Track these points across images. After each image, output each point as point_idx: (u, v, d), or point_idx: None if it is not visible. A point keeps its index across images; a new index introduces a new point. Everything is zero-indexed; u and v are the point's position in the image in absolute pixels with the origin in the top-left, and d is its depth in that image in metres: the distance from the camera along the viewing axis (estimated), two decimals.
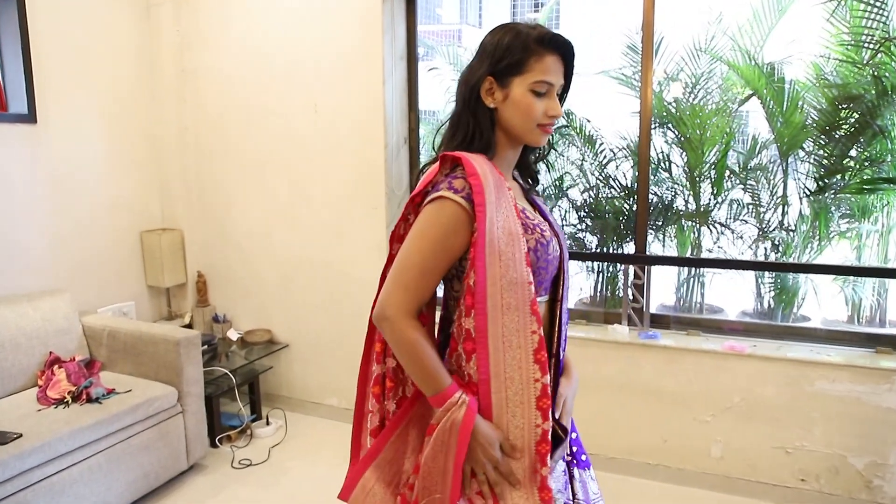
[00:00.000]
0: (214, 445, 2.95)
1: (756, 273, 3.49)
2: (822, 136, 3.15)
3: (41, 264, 2.92)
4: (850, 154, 3.09)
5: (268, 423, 3.15)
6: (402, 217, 1.22)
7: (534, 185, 1.35)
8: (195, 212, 3.50)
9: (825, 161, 3.17)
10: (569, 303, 1.30)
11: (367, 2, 2.90)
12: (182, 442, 2.65)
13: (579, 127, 3.61)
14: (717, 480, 2.63)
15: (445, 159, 1.18)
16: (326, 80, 3.05)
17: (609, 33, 3.60)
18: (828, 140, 3.14)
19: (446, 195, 1.11)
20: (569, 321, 1.33)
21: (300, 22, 3.06)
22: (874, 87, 2.89)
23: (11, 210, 2.79)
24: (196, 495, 2.62)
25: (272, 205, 3.30)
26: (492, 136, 1.19)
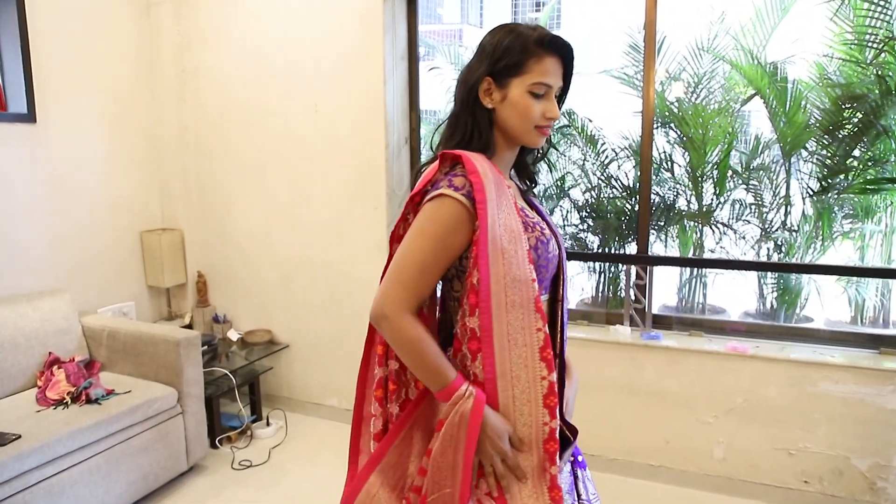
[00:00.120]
0: (214, 446, 2.95)
1: (759, 273, 3.48)
2: (826, 136, 3.14)
3: (41, 264, 2.91)
4: (854, 154, 3.08)
5: (268, 423, 3.14)
6: (401, 217, 1.21)
7: (531, 187, 1.34)
8: (195, 212, 3.49)
9: (828, 161, 3.15)
10: (570, 303, 1.30)
11: (368, 1, 2.89)
12: (182, 443, 2.64)
13: (581, 127, 3.60)
14: (719, 482, 2.62)
15: (445, 157, 1.17)
16: (327, 79, 3.04)
17: (610, 33, 3.59)
18: (831, 140, 3.12)
19: (446, 193, 1.10)
20: (568, 321, 1.33)
21: (300, 21, 3.05)
22: (878, 86, 2.88)
23: (11, 210, 2.79)
24: (196, 496, 2.62)
25: (272, 205, 3.29)
26: (490, 137, 1.18)
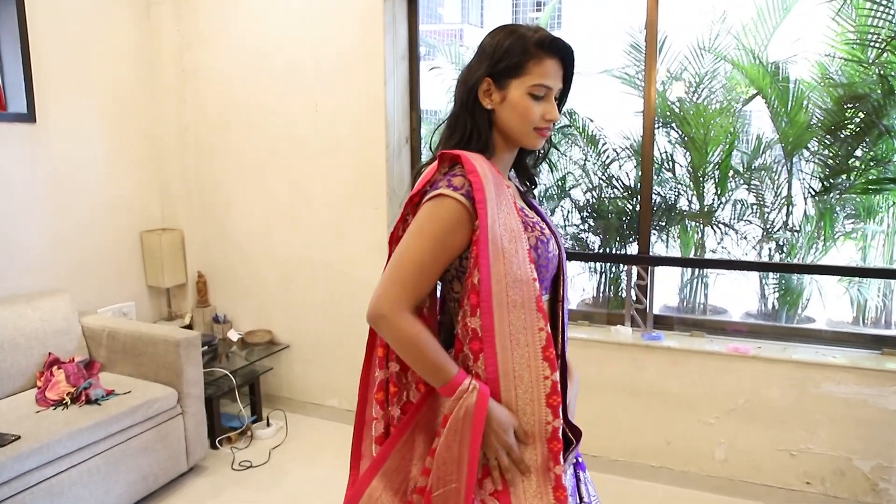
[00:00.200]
0: (214, 447, 2.94)
1: (760, 274, 3.47)
2: (827, 136, 3.13)
3: (41, 264, 2.90)
4: (856, 154, 3.07)
5: (268, 424, 3.13)
6: (400, 218, 1.20)
7: (531, 188, 1.34)
8: (195, 212, 3.49)
9: (830, 161, 3.15)
10: (571, 304, 1.29)
11: (368, 1, 2.88)
12: (182, 443, 2.64)
13: (582, 126, 3.59)
14: (720, 483, 2.61)
15: (444, 158, 1.17)
16: (327, 79, 3.04)
17: (611, 32, 3.58)
18: (833, 140, 3.11)
19: (445, 193, 1.10)
20: (569, 322, 1.32)
21: (301, 21, 3.05)
22: (880, 86, 2.87)
23: (11, 210, 2.78)
24: (196, 497, 2.61)
25: (272, 205, 3.29)
26: (489, 137, 1.18)
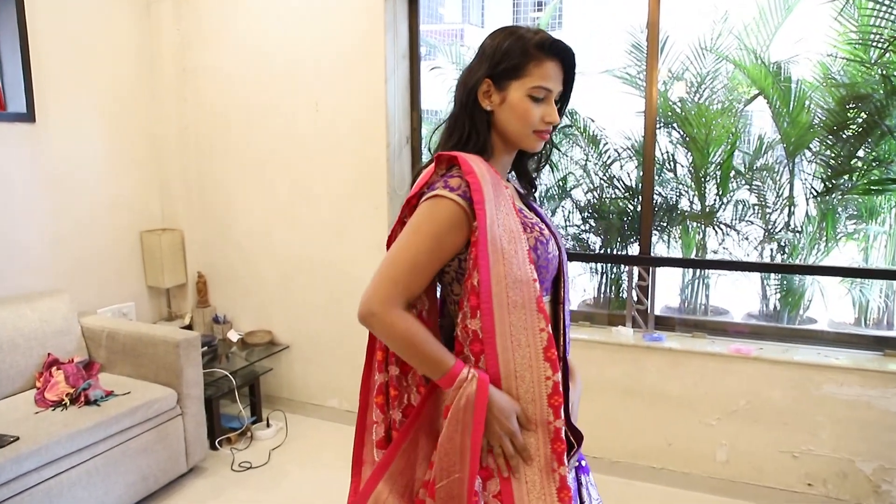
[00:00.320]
0: (214, 448, 2.93)
1: (762, 275, 3.46)
2: (830, 137, 3.12)
3: (40, 264, 2.90)
4: (858, 154, 3.06)
5: (268, 425, 3.13)
6: (398, 221, 1.19)
7: (532, 192, 1.33)
8: (195, 211, 3.48)
9: (832, 161, 3.13)
10: (572, 304, 1.29)
11: (369, 0, 2.88)
12: (181, 444, 2.63)
13: (583, 127, 3.58)
14: (722, 484, 2.60)
15: (441, 159, 1.17)
16: (327, 78, 3.03)
17: (612, 32, 3.57)
18: (835, 140, 3.10)
19: (442, 193, 1.10)
20: (570, 323, 1.32)
21: (301, 20, 3.04)
22: (882, 86, 2.86)
23: (10, 210, 2.77)
24: (196, 498, 2.60)
25: (273, 204, 3.28)
26: (488, 139, 1.18)
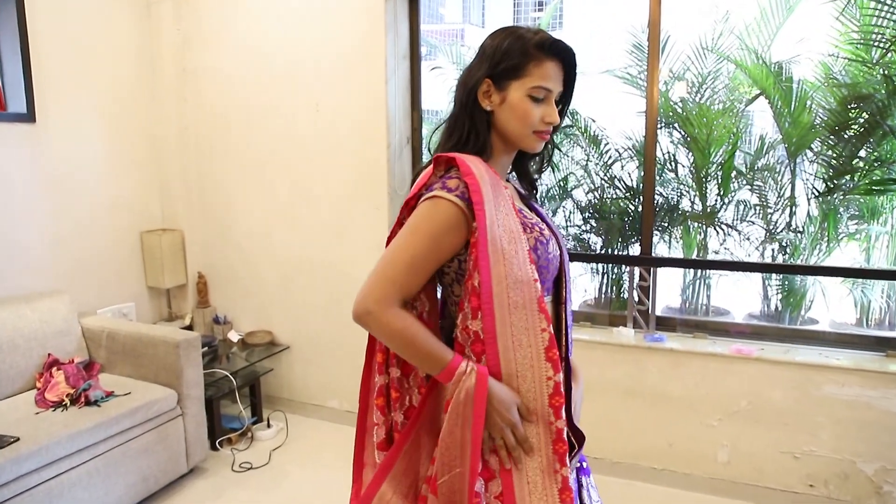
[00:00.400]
0: (215, 448, 2.93)
1: (763, 275, 3.45)
2: (831, 137, 3.11)
3: (40, 265, 2.89)
4: (860, 154, 3.05)
5: (269, 425, 3.12)
6: (397, 222, 1.19)
7: (533, 193, 1.33)
8: (195, 212, 3.48)
9: (834, 161, 3.13)
10: (573, 305, 1.28)
11: (369, 0, 2.87)
12: (182, 445, 2.63)
13: (584, 127, 3.58)
14: (723, 485, 2.59)
15: (439, 161, 1.17)
16: (328, 79, 3.03)
17: (613, 32, 3.57)
18: (837, 140, 3.09)
19: (440, 194, 1.10)
20: (573, 324, 1.32)
21: (301, 21, 3.04)
22: (884, 86, 2.85)
23: (10, 210, 2.77)
24: (196, 499, 2.60)
25: (273, 205, 3.27)
26: (487, 139, 1.18)
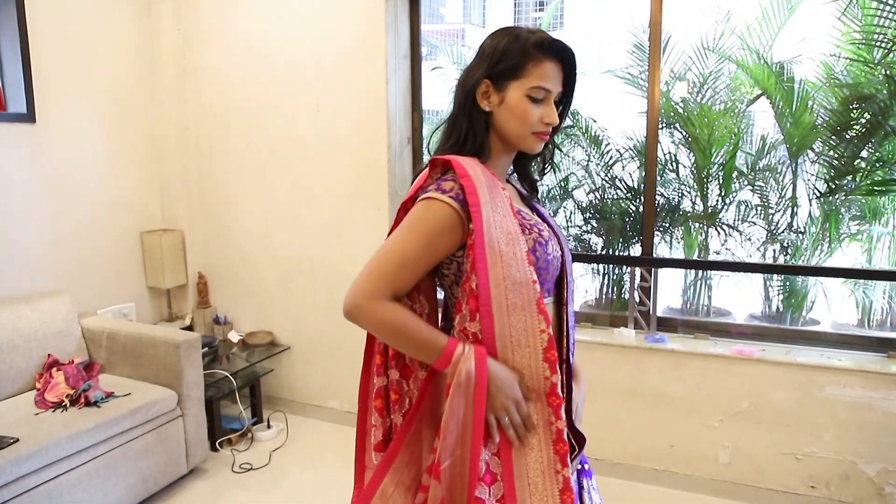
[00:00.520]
0: (215, 449, 2.93)
1: (764, 276, 3.45)
2: (833, 137, 3.10)
3: (40, 265, 2.89)
4: (861, 155, 3.04)
5: (269, 426, 3.12)
6: (394, 224, 1.19)
7: (534, 194, 1.33)
8: (196, 212, 3.47)
9: (835, 162, 3.12)
10: (574, 305, 1.28)
11: (370, 0, 2.87)
12: (182, 446, 2.62)
13: (585, 127, 3.57)
14: (724, 487, 2.59)
15: (435, 163, 1.17)
16: (328, 79, 3.02)
17: (614, 32, 3.56)
18: (838, 141, 3.08)
19: (434, 196, 1.10)
20: (575, 325, 1.31)
21: (301, 21, 3.03)
22: (886, 86, 2.84)
23: (10, 210, 2.77)
24: (196, 499, 2.59)
25: (273, 205, 3.27)
26: (485, 140, 1.17)
